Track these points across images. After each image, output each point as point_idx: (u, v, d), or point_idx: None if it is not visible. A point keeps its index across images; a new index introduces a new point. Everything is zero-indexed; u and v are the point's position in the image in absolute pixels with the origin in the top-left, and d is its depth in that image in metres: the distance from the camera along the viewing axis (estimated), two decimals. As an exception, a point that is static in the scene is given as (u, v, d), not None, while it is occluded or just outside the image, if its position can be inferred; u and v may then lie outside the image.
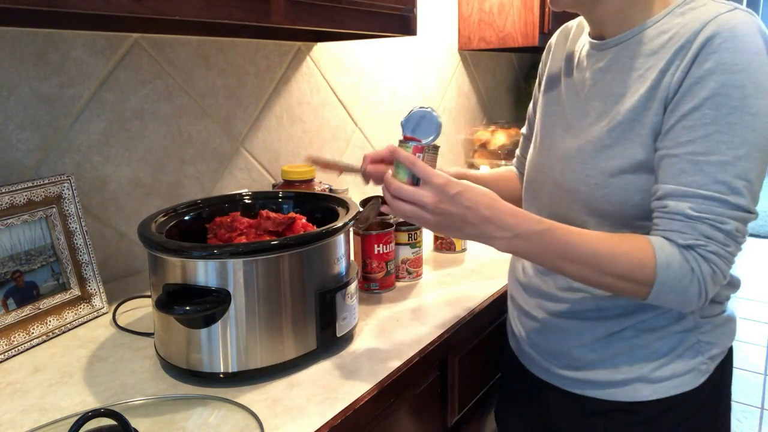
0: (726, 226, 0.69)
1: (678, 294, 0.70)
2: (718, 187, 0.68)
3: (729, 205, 0.68)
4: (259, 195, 1.04)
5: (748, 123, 0.67)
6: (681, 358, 0.80)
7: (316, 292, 0.80)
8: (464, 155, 2.33)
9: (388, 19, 1.21)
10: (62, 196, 0.96)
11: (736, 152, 0.68)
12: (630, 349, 0.81)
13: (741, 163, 0.68)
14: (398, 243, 1.12)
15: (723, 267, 0.70)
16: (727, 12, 0.70)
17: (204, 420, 0.68)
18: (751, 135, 0.68)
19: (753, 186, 0.69)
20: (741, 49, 0.67)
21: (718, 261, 0.69)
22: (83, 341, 0.90)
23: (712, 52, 0.68)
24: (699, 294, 0.70)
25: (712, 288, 0.71)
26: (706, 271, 0.69)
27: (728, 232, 0.69)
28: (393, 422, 0.84)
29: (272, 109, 1.46)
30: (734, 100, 0.67)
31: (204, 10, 0.84)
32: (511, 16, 2.04)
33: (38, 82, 1.02)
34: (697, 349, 0.80)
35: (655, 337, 0.80)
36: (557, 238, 0.71)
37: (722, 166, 0.68)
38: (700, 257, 0.69)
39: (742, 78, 0.67)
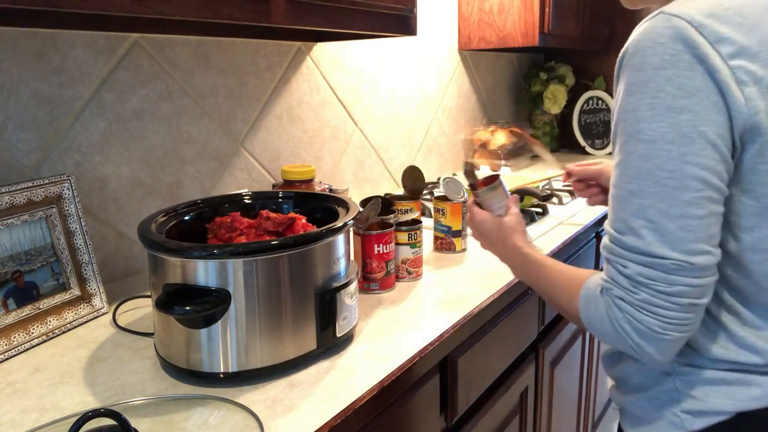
0: (627, 270, 0.61)
1: (608, 338, 0.65)
2: (618, 225, 0.62)
3: (624, 246, 0.61)
4: (259, 195, 1.04)
5: (641, 152, 0.59)
6: (655, 400, 0.71)
7: (316, 292, 0.80)
8: (464, 155, 2.34)
9: (388, 19, 1.21)
10: (62, 196, 0.97)
11: (630, 186, 0.60)
12: (624, 375, 0.77)
13: (635, 199, 0.60)
14: (398, 243, 1.12)
15: (639, 316, 0.60)
16: (649, 19, 0.60)
17: (204, 420, 0.68)
18: (644, 166, 0.59)
19: (659, 226, 0.58)
20: (639, 65, 0.59)
21: (629, 308, 0.61)
22: (83, 341, 0.90)
23: (620, 70, 0.62)
24: (624, 341, 0.63)
25: (637, 337, 0.61)
26: (618, 317, 0.62)
27: (630, 276, 0.61)
28: (393, 422, 0.84)
29: (272, 109, 1.46)
30: (629, 125, 0.60)
31: (204, 10, 0.84)
32: (511, 16, 2.04)
33: (38, 82, 1.02)
34: (673, 396, 0.70)
35: (639, 370, 0.73)
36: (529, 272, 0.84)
37: (621, 202, 0.62)
38: (611, 301, 0.63)
39: (635, 100, 0.59)
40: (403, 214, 1.17)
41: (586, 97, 2.72)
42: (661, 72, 0.58)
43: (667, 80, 0.57)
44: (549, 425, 1.46)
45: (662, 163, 0.58)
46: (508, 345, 1.18)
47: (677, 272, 0.58)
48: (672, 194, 0.58)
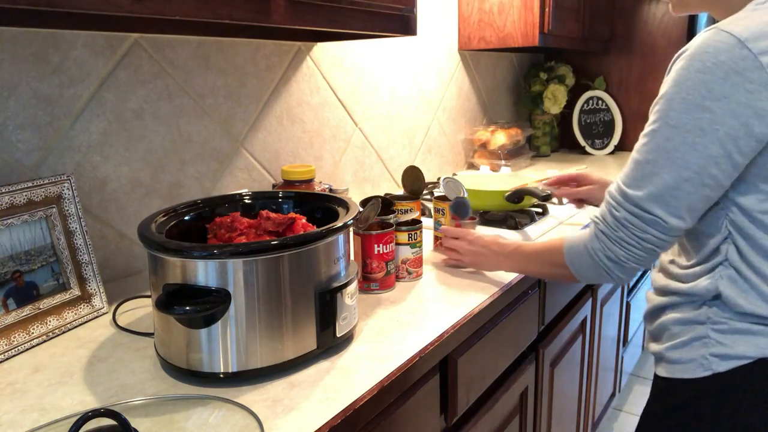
0: (616, 212, 0.81)
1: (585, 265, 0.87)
2: (625, 179, 0.80)
3: (625, 196, 0.79)
4: (259, 195, 1.04)
5: (665, 133, 0.75)
6: (688, 345, 0.84)
7: (316, 292, 0.80)
8: (464, 155, 2.34)
9: (388, 19, 1.21)
10: (62, 196, 0.97)
11: (648, 156, 0.78)
12: (661, 327, 0.89)
13: (648, 166, 0.77)
14: (398, 243, 1.12)
15: (611, 247, 0.82)
16: (714, 29, 0.73)
17: (204, 420, 0.68)
18: (664, 144, 0.75)
19: (660, 193, 0.76)
20: (687, 66, 0.73)
21: (606, 241, 0.82)
22: (83, 341, 0.90)
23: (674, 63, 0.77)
24: (597, 265, 0.84)
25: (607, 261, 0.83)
26: (596, 247, 0.84)
27: (617, 218, 0.80)
28: (393, 422, 0.84)
29: (272, 109, 1.46)
30: (662, 111, 0.76)
31: (204, 10, 0.84)
32: (511, 16, 2.04)
33: (38, 82, 1.02)
34: (703, 342, 0.82)
35: (676, 320, 0.86)
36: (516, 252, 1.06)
37: (636, 164, 0.79)
38: (593, 234, 0.85)
39: (674, 92, 0.74)
40: (403, 214, 1.17)
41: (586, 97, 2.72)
42: (699, 75, 0.72)
43: (703, 83, 0.72)
44: (549, 425, 1.46)
45: (677, 146, 0.74)
46: (508, 345, 1.18)
47: (653, 225, 0.78)
48: (676, 170, 0.75)
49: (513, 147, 2.31)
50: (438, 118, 2.13)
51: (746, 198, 0.77)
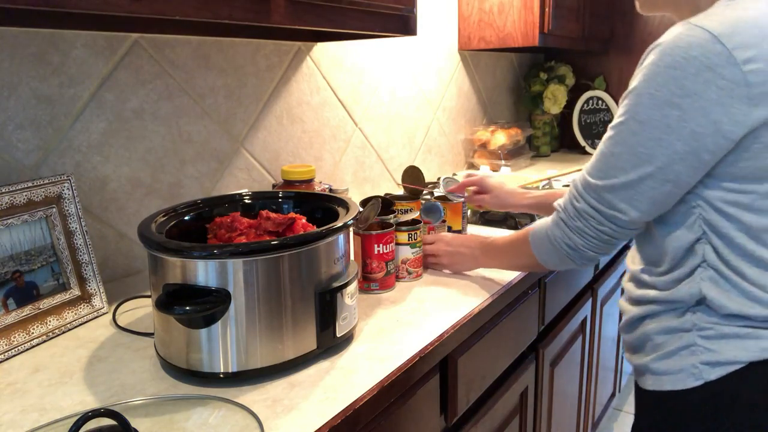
0: (577, 202, 0.83)
1: (547, 251, 0.91)
2: (590, 170, 0.81)
3: (587, 186, 0.81)
4: (259, 195, 1.04)
5: (632, 127, 0.75)
6: (676, 355, 0.81)
7: (316, 292, 0.80)
8: (464, 155, 2.34)
9: (388, 19, 1.21)
10: (62, 196, 0.97)
11: (613, 148, 0.78)
12: (643, 338, 0.86)
13: (612, 159, 0.77)
14: (398, 243, 1.12)
15: (570, 235, 0.85)
16: (689, 25, 0.71)
17: (204, 420, 0.68)
18: (630, 139, 0.75)
19: (621, 186, 0.77)
20: (658, 60, 0.72)
21: (566, 229, 0.85)
22: (83, 341, 0.90)
23: (645, 57, 0.75)
24: (558, 253, 0.88)
25: (567, 249, 0.86)
26: (556, 234, 0.87)
27: (577, 208, 0.83)
28: (393, 422, 0.84)
29: (272, 109, 1.46)
30: (630, 105, 0.75)
31: (204, 10, 0.84)
32: (511, 16, 2.04)
33: (38, 82, 1.02)
34: (691, 350, 0.79)
35: (660, 330, 0.83)
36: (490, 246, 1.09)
37: (601, 155, 0.80)
38: (553, 222, 0.88)
39: (643, 87, 0.73)
40: (403, 214, 1.17)
41: (586, 97, 2.72)
42: (670, 71, 0.70)
43: (673, 79, 0.70)
44: (549, 425, 1.46)
45: (643, 141, 0.74)
46: (508, 345, 1.18)
47: (611, 219, 0.80)
48: (639, 165, 0.75)
49: (513, 147, 2.31)
50: (438, 118, 2.13)
51: (716, 194, 0.75)
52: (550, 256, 0.91)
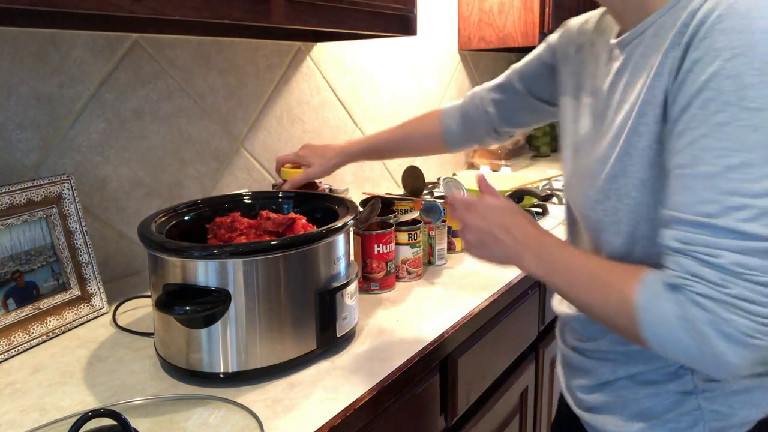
0: (719, 260, 0.52)
1: (672, 344, 0.55)
2: (706, 208, 0.53)
3: (720, 232, 0.52)
4: (259, 195, 1.04)
5: (746, 121, 0.51)
6: (675, 423, 0.67)
7: (316, 292, 0.80)
8: (464, 155, 2.34)
9: (388, 19, 1.21)
10: (62, 196, 0.97)
11: (728, 161, 0.52)
12: (623, 402, 0.71)
13: (736, 175, 0.52)
14: (398, 243, 1.12)
15: (728, 317, 0.51)
16: None
17: (204, 420, 0.68)
18: (751, 137, 0.51)
19: (764, 204, 0.51)
20: (741, 28, 0.52)
21: (715, 308, 0.52)
22: (83, 341, 0.90)
23: (704, 36, 0.54)
24: (698, 349, 0.53)
25: (719, 344, 0.52)
26: (699, 319, 0.52)
27: (723, 267, 0.52)
28: (393, 422, 0.84)
29: (272, 109, 1.46)
30: (726, 93, 0.52)
31: (204, 10, 0.84)
32: (511, 16, 2.04)
33: (38, 82, 1.02)
34: (696, 417, 0.66)
35: (648, 393, 0.68)
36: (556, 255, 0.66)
37: (710, 181, 0.53)
38: (689, 301, 0.53)
39: (738, 64, 0.52)
40: (403, 214, 1.17)
41: (586, 97, 2.71)
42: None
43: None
44: (549, 425, 1.46)
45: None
46: (508, 345, 1.18)
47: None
48: None
49: (513, 147, 2.31)
50: (438, 118, 2.13)
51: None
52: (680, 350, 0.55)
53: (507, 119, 1.05)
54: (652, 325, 0.56)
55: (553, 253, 0.66)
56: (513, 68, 1.02)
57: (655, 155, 0.60)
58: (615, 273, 0.61)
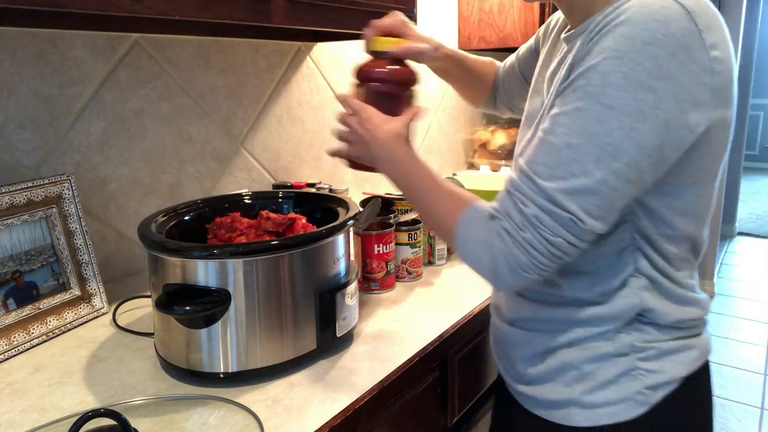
0: (525, 208, 0.63)
1: (474, 258, 0.68)
2: (537, 168, 0.63)
3: (537, 188, 0.63)
4: (259, 195, 1.04)
5: (596, 113, 0.59)
6: (614, 383, 0.71)
7: (316, 292, 0.80)
8: (464, 155, 2.34)
9: (388, 19, 1.20)
10: (62, 196, 0.97)
11: (569, 139, 0.61)
12: (563, 368, 0.74)
13: (569, 152, 0.61)
14: (398, 243, 1.12)
15: (515, 251, 0.64)
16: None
17: (204, 420, 0.68)
18: (594, 127, 0.60)
19: (582, 186, 0.60)
20: (628, 34, 0.59)
21: (510, 242, 0.64)
22: (83, 341, 0.90)
23: (601, 35, 0.61)
24: (488, 266, 0.66)
25: (505, 270, 0.65)
26: (496, 246, 0.65)
27: (526, 215, 0.63)
28: (393, 422, 0.84)
29: (272, 109, 1.46)
30: (592, 85, 0.60)
31: (204, 10, 0.84)
32: (511, 16, 2.04)
33: (38, 82, 1.02)
34: (632, 376, 0.71)
35: (588, 358, 0.72)
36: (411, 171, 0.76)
37: (551, 149, 0.62)
38: (494, 230, 0.65)
39: (611, 65, 0.59)
40: (403, 214, 1.17)
41: (586, 97, 2.71)
42: (648, 47, 0.58)
43: (651, 58, 0.58)
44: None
45: (610, 130, 0.60)
46: (508, 345, 1.18)
47: (567, 227, 0.62)
48: (603, 159, 0.60)
49: (513, 147, 2.31)
50: (438, 118, 2.13)
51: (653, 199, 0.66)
52: (478, 261, 0.68)
53: (509, 100, 1.08)
54: (465, 239, 0.69)
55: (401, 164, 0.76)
56: (517, 52, 1.06)
57: None
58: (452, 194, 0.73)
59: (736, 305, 3.37)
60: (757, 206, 5.60)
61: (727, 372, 2.67)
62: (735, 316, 3.24)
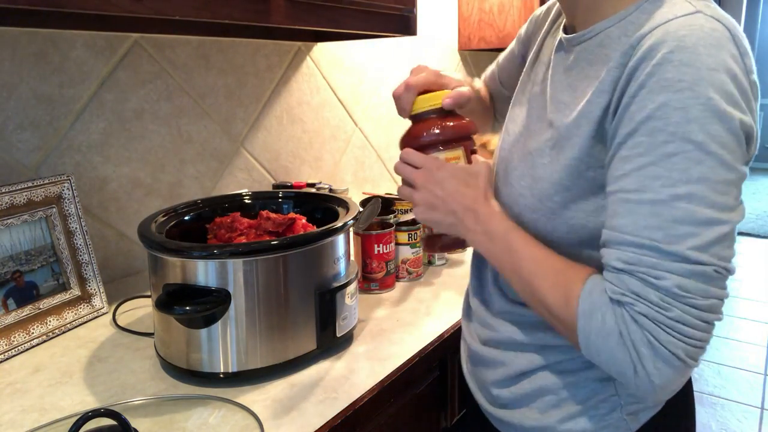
0: (662, 281, 0.54)
1: (607, 355, 0.57)
2: (653, 234, 0.55)
3: (665, 255, 0.54)
4: (259, 195, 1.04)
5: (691, 154, 0.54)
6: (593, 410, 0.68)
7: (316, 292, 0.80)
8: (464, 155, 2.33)
9: (388, 19, 1.21)
10: (62, 196, 0.97)
11: (675, 190, 0.54)
12: (540, 393, 0.70)
13: (681, 204, 0.54)
14: (398, 243, 1.12)
15: (664, 338, 0.53)
16: (685, 15, 0.57)
17: (204, 420, 0.68)
18: (695, 169, 0.54)
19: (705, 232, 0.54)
20: (690, 62, 0.54)
21: (655, 328, 0.54)
22: (83, 341, 0.90)
23: (654, 64, 0.56)
24: (632, 366, 0.55)
25: (652, 365, 0.54)
26: (636, 337, 0.54)
27: (666, 289, 0.54)
28: (393, 422, 0.84)
29: (272, 109, 1.46)
30: (673, 124, 0.54)
31: (203, 10, 0.84)
32: (511, 16, 2.04)
33: (38, 82, 1.02)
34: (614, 403, 0.67)
35: (567, 383, 0.69)
36: (510, 246, 0.65)
37: (657, 208, 0.55)
38: (630, 318, 0.55)
39: (686, 98, 0.54)
40: (403, 214, 1.17)
41: (586, 97, 2.71)
42: (714, 74, 0.54)
43: (722, 83, 0.54)
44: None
45: (715, 167, 0.54)
46: (508, 345, 1.18)
47: (715, 281, 0.54)
48: (719, 200, 0.54)
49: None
50: (438, 118, 2.13)
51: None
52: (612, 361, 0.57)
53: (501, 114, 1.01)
54: (590, 334, 0.57)
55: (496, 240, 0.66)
56: (497, 61, 0.98)
57: (584, 168, 0.62)
58: (559, 272, 0.62)
59: (736, 305, 3.37)
60: (757, 206, 5.60)
61: (727, 372, 2.67)
62: (735, 316, 3.24)
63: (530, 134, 0.70)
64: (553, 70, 0.70)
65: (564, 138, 0.64)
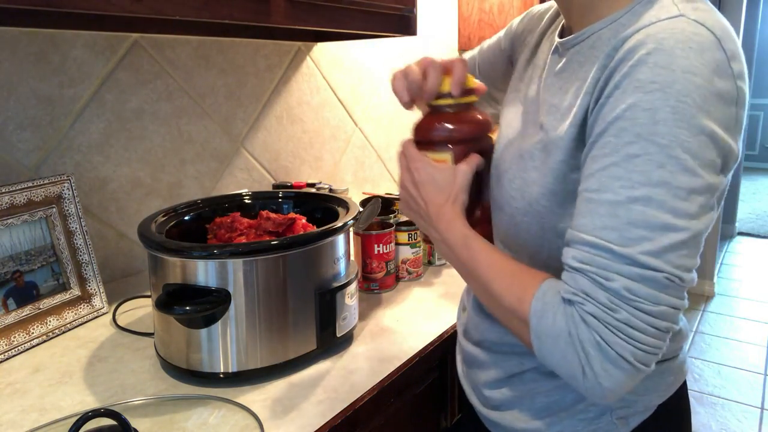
0: (611, 283, 0.53)
1: (558, 357, 0.55)
2: (607, 234, 0.53)
3: (616, 257, 0.53)
4: (259, 195, 1.04)
5: (655, 157, 0.52)
6: (584, 414, 0.67)
7: (316, 292, 0.80)
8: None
9: (388, 19, 1.21)
10: (62, 196, 0.97)
11: (633, 192, 0.53)
12: (530, 395, 0.70)
13: (638, 206, 0.52)
14: (398, 243, 1.12)
15: (612, 339, 0.52)
16: (669, 19, 0.55)
17: (204, 420, 0.68)
18: (656, 173, 0.52)
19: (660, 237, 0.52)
20: (664, 63, 0.53)
21: (602, 329, 0.53)
22: (83, 341, 0.90)
23: (630, 65, 0.55)
24: (581, 367, 0.54)
25: (600, 366, 0.53)
26: (584, 337, 0.53)
27: (614, 291, 0.53)
28: (393, 422, 0.84)
29: (272, 109, 1.46)
30: (639, 125, 0.53)
31: (203, 10, 0.84)
32: (511, 16, 2.04)
33: (38, 82, 1.02)
34: (603, 406, 0.67)
35: (556, 386, 0.68)
36: (469, 252, 0.65)
37: (615, 208, 0.53)
38: (579, 318, 0.54)
39: (655, 99, 0.52)
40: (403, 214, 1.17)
41: (586, 97, 2.71)
42: (689, 77, 0.52)
43: (696, 87, 0.52)
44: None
45: (676, 173, 0.52)
46: (508, 345, 1.18)
47: (667, 289, 0.53)
48: (679, 206, 0.52)
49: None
50: (438, 118, 2.13)
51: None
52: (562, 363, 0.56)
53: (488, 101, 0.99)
54: (542, 334, 0.56)
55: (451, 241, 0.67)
56: (480, 47, 0.95)
57: (569, 170, 0.61)
58: (516, 274, 0.62)
59: (736, 305, 3.37)
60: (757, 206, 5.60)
61: (727, 372, 2.67)
62: (735, 316, 3.24)
63: (523, 137, 0.70)
64: (547, 73, 0.70)
65: (551, 141, 0.63)
